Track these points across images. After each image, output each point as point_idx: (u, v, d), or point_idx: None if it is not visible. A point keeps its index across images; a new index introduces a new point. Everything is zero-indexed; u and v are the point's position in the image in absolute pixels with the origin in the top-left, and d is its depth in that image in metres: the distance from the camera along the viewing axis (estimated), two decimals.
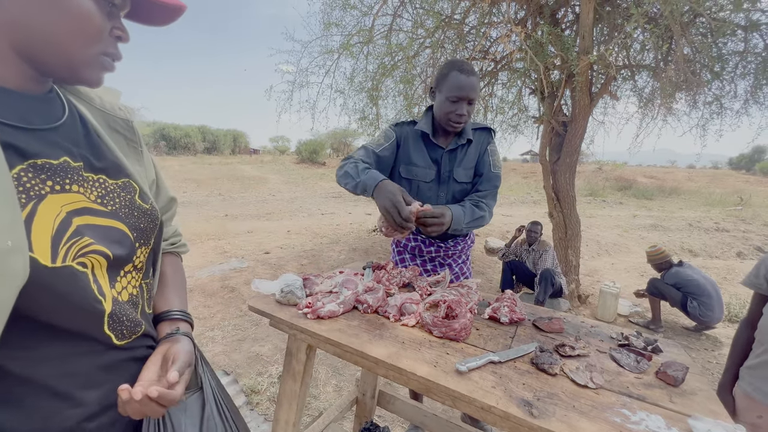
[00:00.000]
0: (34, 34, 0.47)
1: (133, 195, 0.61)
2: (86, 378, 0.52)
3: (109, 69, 0.55)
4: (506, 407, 0.70)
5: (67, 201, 0.51)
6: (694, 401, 0.77)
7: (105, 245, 0.54)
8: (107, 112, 0.65)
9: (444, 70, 1.40)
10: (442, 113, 1.42)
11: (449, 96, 1.37)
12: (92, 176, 0.56)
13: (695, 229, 8.86)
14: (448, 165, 1.52)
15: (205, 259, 5.21)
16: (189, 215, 9.90)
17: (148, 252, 0.63)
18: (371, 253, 5.76)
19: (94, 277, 0.52)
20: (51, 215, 0.48)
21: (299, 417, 1.17)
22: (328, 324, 1.00)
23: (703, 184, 20.74)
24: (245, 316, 3.37)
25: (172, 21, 0.60)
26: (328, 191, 17.85)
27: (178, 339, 0.65)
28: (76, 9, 0.47)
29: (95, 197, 0.55)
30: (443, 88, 1.39)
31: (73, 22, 0.48)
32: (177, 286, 0.76)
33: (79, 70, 0.51)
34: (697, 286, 3.42)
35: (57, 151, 0.51)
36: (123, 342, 0.57)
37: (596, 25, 3.72)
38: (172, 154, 31.71)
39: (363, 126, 5.24)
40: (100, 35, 0.51)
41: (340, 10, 4.43)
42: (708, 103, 4.00)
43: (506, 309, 1.11)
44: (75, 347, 0.51)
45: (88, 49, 0.50)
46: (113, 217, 0.57)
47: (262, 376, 2.43)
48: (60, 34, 0.48)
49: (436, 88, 1.44)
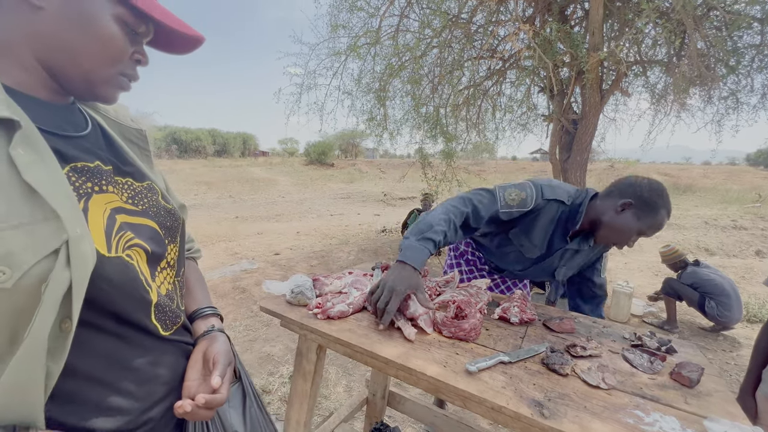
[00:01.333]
0: (58, 48, 0.50)
1: (157, 196, 0.65)
2: (139, 372, 0.55)
3: (125, 88, 0.58)
4: (517, 407, 0.70)
5: (106, 200, 0.54)
6: (710, 402, 0.75)
7: (143, 241, 0.57)
8: (122, 123, 0.68)
9: (658, 201, 1.16)
10: (619, 236, 1.22)
11: (644, 230, 1.18)
12: (121, 179, 0.59)
13: (711, 228, 8.64)
14: (558, 260, 1.39)
15: (217, 260, 5.29)
16: (200, 217, 10.06)
17: (177, 249, 0.66)
18: (380, 254, 5.77)
19: (140, 269, 0.55)
20: (99, 211, 0.52)
21: (310, 417, 1.18)
22: (338, 324, 1.01)
23: (720, 181, 20.23)
24: (256, 316, 3.41)
25: (191, 51, 0.63)
26: (336, 192, 17.94)
27: (216, 337, 0.68)
28: (102, 31, 0.51)
29: (126, 198, 0.58)
30: (646, 218, 1.17)
31: (98, 43, 0.51)
32: (201, 286, 0.80)
33: (97, 86, 0.54)
34: (715, 285, 3.33)
35: (90, 156, 0.55)
36: (168, 333, 0.60)
37: (606, 21, 3.67)
38: (184, 158, 32.22)
39: (371, 127, 5.26)
40: (121, 57, 0.54)
41: (347, 12, 4.45)
42: (723, 98, 3.91)
43: (516, 309, 1.10)
44: (128, 340, 0.54)
45: (109, 68, 0.53)
46: (144, 215, 0.60)
47: (273, 376, 2.46)
48: (84, 52, 0.51)
49: (637, 208, 1.18)
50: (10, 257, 0.40)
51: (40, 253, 0.42)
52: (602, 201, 1.26)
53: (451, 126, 5.36)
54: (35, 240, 0.42)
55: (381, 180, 23.73)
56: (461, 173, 5.84)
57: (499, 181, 2.42)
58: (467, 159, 7.86)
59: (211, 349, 0.65)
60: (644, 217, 1.17)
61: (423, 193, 5.52)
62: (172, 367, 0.60)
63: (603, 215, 1.24)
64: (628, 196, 1.20)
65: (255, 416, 0.71)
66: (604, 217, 1.24)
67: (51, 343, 0.43)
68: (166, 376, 0.58)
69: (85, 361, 0.49)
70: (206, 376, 0.62)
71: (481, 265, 1.68)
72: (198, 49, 0.64)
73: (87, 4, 0.49)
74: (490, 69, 4.86)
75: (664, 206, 1.17)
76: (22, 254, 0.40)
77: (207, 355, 0.64)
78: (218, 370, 0.61)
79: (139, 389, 0.55)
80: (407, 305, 1.02)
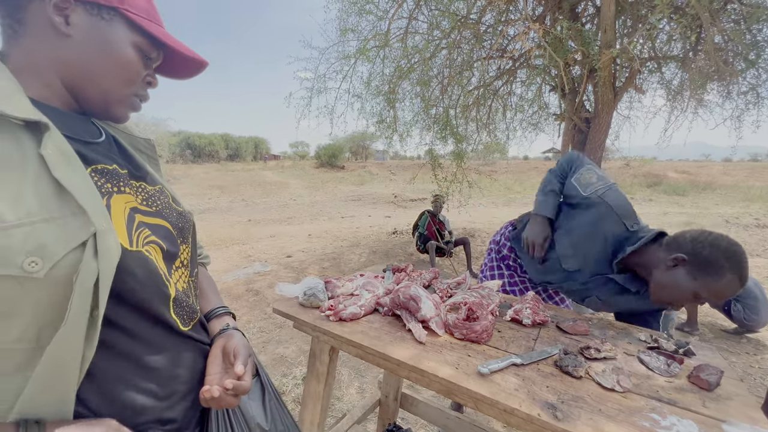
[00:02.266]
0: (81, 71, 0.55)
1: (168, 199, 0.68)
2: (160, 371, 0.58)
3: (136, 108, 0.63)
4: (530, 410, 0.69)
5: (125, 200, 0.58)
6: (729, 406, 0.74)
7: (159, 239, 0.60)
8: (130, 134, 0.72)
9: (724, 264, 1.00)
10: (668, 294, 1.09)
11: (700, 293, 1.04)
12: (135, 183, 0.63)
13: (733, 226, 8.37)
14: (594, 288, 1.29)
15: (230, 263, 5.37)
16: (214, 221, 10.23)
17: (189, 250, 0.69)
18: (391, 256, 5.77)
19: (158, 264, 0.59)
20: (120, 208, 0.56)
21: (324, 418, 1.20)
22: (350, 326, 1.02)
23: (741, 178, 19.57)
24: (269, 318, 3.45)
25: (194, 75, 0.69)
26: (347, 195, 18.02)
27: (232, 334, 0.71)
28: (122, 57, 0.57)
29: (141, 200, 0.62)
30: (699, 277, 1.03)
31: (117, 67, 0.57)
32: (212, 289, 0.83)
33: (112, 105, 0.59)
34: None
35: (108, 160, 0.59)
36: (186, 328, 0.63)
37: (618, 17, 3.61)
38: (197, 162, 32.86)
39: (381, 129, 5.27)
40: (136, 79, 0.60)
41: (356, 15, 4.49)
42: (743, 93, 3.80)
43: (529, 311, 1.10)
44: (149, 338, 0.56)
45: (124, 89, 0.59)
46: (159, 216, 0.63)
47: (287, 377, 2.48)
48: (104, 75, 0.56)
49: (695, 267, 1.04)
50: (43, 249, 0.43)
51: (69, 245, 0.45)
52: (663, 247, 1.12)
53: (462, 127, 5.34)
54: (65, 233, 0.45)
55: (391, 182, 23.74)
56: (472, 174, 5.80)
57: (511, 181, 2.39)
58: (478, 160, 7.80)
59: (230, 344, 0.68)
60: (702, 278, 1.02)
61: (434, 194, 5.50)
62: (191, 366, 0.63)
63: (654, 264, 1.11)
64: (683, 251, 1.06)
65: (275, 408, 0.74)
66: (655, 267, 1.10)
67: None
68: (185, 375, 0.61)
69: (109, 361, 0.51)
70: (227, 369, 0.65)
71: (521, 273, 1.65)
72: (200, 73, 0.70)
73: (109, 32, 0.55)
74: (500, 69, 4.83)
75: (733, 270, 0.99)
76: (53, 246, 0.43)
77: (226, 349, 0.67)
78: (240, 359, 0.64)
79: (161, 389, 0.57)
80: (418, 308, 1.03)
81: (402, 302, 1.05)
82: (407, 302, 1.04)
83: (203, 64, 0.67)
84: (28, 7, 0.51)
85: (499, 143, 5.92)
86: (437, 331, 0.99)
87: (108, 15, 0.55)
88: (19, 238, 0.41)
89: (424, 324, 1.01)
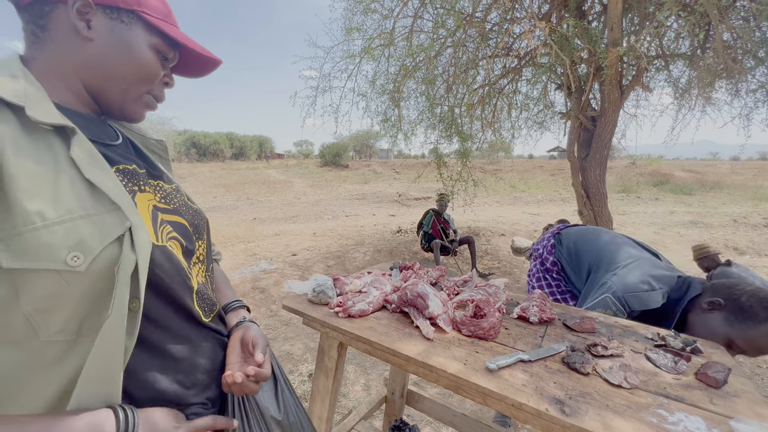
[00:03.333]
0: (102, 72, 0.57)
1: (184, 197, 0.71)
2: (186, 361, 0.60)
3: (152, 107, 0.65)
4: (538, 405, 0.70)
5: (147, 198, 0.60)
6: (737, 404, 0.74)
7: (179, 235, 0.63)
8: (143, 135, 0.75)
9: (756, 308, 1.00)
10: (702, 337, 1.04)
11: (735, 341, 1.01)
12: (153, 182, 0.65)
13: (741, 225, 8.29)
14: None
15: (236, 261, 5.41)
16: (220, 219, 10.31)
17: (204, 246, 0.72)
18: (396, 254, 5.79)
19: (180, 258, 0.61)
20: (145, 206, 0.58)
21: (332, 413, 1.21)
22: (358, 322, 1.04)
23: (750, 177, 19.33)
24: (275, 316, 3.48)
25: (208, 73, 0.72)
26: (351, 193, 18.04)
27: (249, 326, 0.74)
28: (141, 57, 0.59)
29: (159, 198, 0.64)
30: (735, 324, 1.02)
31: (137, 68, 0.59)
32: (226, 284, 0.85)
33: (129, 104, 0.61)
34: None
35: (127, 161, 0.61)
36: (208, 319, 0.66)
37: (625, 15, 3.58)
38: (202, 161, 33.05)
39: (385, 128, 5.28)
40: (153, 79, 0.62)
41: (362, 14, 4.49)
42: (752, 91, 3.75)
43: (536, 308, 1.10)
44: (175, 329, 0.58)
45: (142, 88, 0.61)
46: (177, 213, 0.65)
47: (293, 374, 2.51)
48: (123, 75, 0.58)
49: (726, 311, 1.04)
50: (82, 244, 0.45)
51: (107, 239, 0.47)
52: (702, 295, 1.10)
53: (467, 125, 5.33)
54: (102, 228, 0.47)
55: (396, 180, 23.73)
56: (477, 173, 5.80)
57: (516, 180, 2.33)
58: (483, 158, 7.78)
59: (248, 334, 0.70)
60: (737, 325, 1.01)
61: (439, 193, 5.50)
62: (212, 356, 0.65)
63: (691, 310, 1.10)
64: (720, 295, 1.06)
65: (287, 399, 0.76)
66: (691, 312, 1.09)
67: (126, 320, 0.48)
68: (207, 365, 0.63)
69: (143, 351, 0.53)
70: (246, 359, 0.67)
71: (565, 286, 1.68)
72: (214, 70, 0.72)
73: (129, 35, 0.57)
74: (506, 67, 4.81)
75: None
76: (92, 241, 0.46)
77: (244, 339, 0.69)
78: (260, 348, 0.67)
79: (186, 378, 0.59)
80: (426, 305, 1.04)
81: (410, 299, 1.06)
82: (415, 299, 1.05)
83: (217, 62, 0.69)
84: (50, 13, 0.53)
85: (504, 142, 5.90)
86: (445, 328, 1.00)
87: (127, 18, 0.57)
88: (61, 234, 0.44)
89: (432, 321, 1.02)
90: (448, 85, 4.83)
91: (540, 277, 1.78)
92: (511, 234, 6.84)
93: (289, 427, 0.73)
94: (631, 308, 1.16)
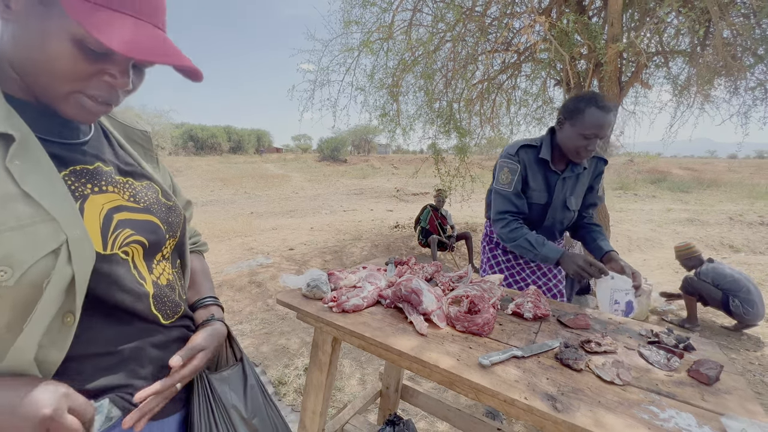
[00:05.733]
0: (23, 64, 0.50)
1: (157, 194, 0.68)
2: (144, 356, 0.60)
3: (94, 110, 0.53)
4: (530, 401, 0.70)
5: (106, 200, 0.57)
6: (728, 400, 0.74)
7: (143, 236, 0.61)
8: (127, 125, 0.72)
9: (580, 104, 1.38)
10: (571, 146, 1.43)
11: (584, 132, 1.36)
12: (122, 179, 0.63)
13: (737, 223, 8.33)
14: (561, 191, 1.56)
15: (233, 255, 5.40)
16: (217, 213, 10.27)
17: (174, 244, 0.70)
18: (393, 249, 5.79)
19: (134, 264, 0.60)
20: (95, 212, 0.55)
21: (326, 407, 1.22)
22: (352, 317, 1.03)
23: (746, 175, 19.42)
24: (272, 310, 3.48)
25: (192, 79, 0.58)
26: (349, 188, 18.01)
27: (204, 329, 0.72)
28: (52, 49, 0.48)
29: (128, 197, 0.62)
30: (577, 122, 1.38)
31: (48, 61, 0.48)
32: (205, 278, 0.84)
33: (56, 103, 0.52)
34: (735, 281, 3.24)
35: (90, 158, 0.58)
36: (169, 321, 0.65)
37: (626, 10, 3.56)
38: (200, 154, 32.87)
39: (384, 122, 5.25)
40: (72, 75, 0.50)
41: (360, 7, 4.44)
42: (751, 89, 3.74)
43: (530, 305, 1.10)
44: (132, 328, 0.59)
45: (61, 85, 0.50)
46: (146, 212, 0.63)
47: (289, 368, 2.51)
48: (39, 69, 0.49)
49: (568, 119, 1.42)
50: (10, 258, 0.43)
51: (39, 253, 0.45)
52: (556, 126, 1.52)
53: (465, 121, 5.31)
54: (33, 241, 0.45)
55: (394, 176, 23.70)
56: (475, 168, 5.78)
57: None
58: (481, 154, 7.76)
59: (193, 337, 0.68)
60: (578, 122, 1.38)
61: (436, 189, 5.49)
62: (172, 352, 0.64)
63: (560, 139, 1.48)
64: (560, 115, 1.46)
65: (255, 396, 0.75)
66: (560, 139, 1.48)
67: (54, 335, 0.48)
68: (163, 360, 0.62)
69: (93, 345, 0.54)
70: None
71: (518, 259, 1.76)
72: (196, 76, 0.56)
73: (45, 20, 0.47)
74: (505, 62, 4.78)
75: (591, 104, 1.35)
76: (21, 254, 0.44)
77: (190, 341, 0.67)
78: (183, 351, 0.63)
79: (145, 370, 0.60)
80: (420, 301, 1.03)
81: (404, 295, 1.06)
82: (409, 295, 1.05)
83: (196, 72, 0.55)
84: None
85: (503, 138, 5.88)
86: (439, 323, 1.00)
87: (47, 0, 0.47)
88: None
89: (426, 317, 1.02)
90: (447, 80, 4.79)
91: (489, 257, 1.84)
92: None
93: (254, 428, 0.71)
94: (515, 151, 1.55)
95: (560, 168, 1.55)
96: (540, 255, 1.46)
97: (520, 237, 1.50)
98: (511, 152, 1.56)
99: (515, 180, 1.54)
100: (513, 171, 1.54)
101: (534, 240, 1.47)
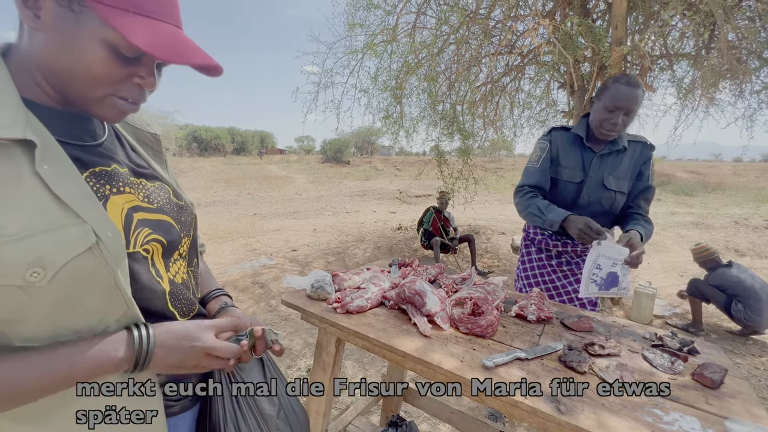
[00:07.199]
0: (56, 71, 0.52)
1: (168, 195, 0.70)
2: None
3: (124, 110, 0.56)
4: (533, 403, 0.71)
5: (124, 200, 0.59)
6: (732, 404, 0.74)
7: (160, 234, 0.63)
8: (137, 128, 0.73)
9: (607, 82, 1.45)
10: (596, 120, 1.48)
11: (607, 105, 1.41)
12: (136, 180, 0.64)
13: (742, 227, 8.26)
14: (598, 170, 1.56)
15: (237, 256, 5.42)
16: (220, 214, 10.31)
17: (190, 242, 0.72)
18: (395, 251, 5.79)
19: (152, 262, 0.62)
20: (117, 211, 0.57)
21: (329, 407, 1.22)
22: (356, 318, 1.04)
23: (752, 179, 19.27)
24: (275, 311, 3.49)
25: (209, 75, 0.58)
26: (352, 190, 18.03)
27: (234, 310, 0.76)
28: (88, 55, 0.50)
29: (142, 197, 0.63)
30: (603, 97, 1.44)
31: (84, 66, 0.50)
32: (208, 275, 0.87)
33: (90, 106, 0.54)
34: (744, 288, 3.20)
35: (107, 161, 0.60)
36: (185, 319, 0.66)
37: (630, 13, 3.55)
38: (204, 155, 33.03)
39: (387, 125, 5.26)
40: (108, 80, 0.52)
41: (364, 10, 4.46)
42: (756, 92, 3.72)
43: (534, 307, 1.11)
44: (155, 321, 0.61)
45: (96, 90, 0.52)
46: (161, 212, 0.65)
47: (291, 369, 2.52)
48: (75, 75, 0.51)
49: (596, 97, 1.49)
50: (42, 260, 0.45)
51: (69, 254, 0.47)
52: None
53: (468, 123, 5.31)
54: (63, 243, 0.47)
55: (397, 177, 23.70)
56: (478, 171, 5.78)
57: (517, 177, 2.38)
58: (484, 156, 7.75)
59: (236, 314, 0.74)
60: (603, 95, 1.45)
61: (439, 191, 5.49)
62: None
63: (590, 118, 1.54)
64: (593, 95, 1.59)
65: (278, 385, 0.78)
66: (590, 118, 1.55)
67: None
68: None
69: None
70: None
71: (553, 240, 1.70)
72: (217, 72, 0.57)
73: (77, 27, 0.49)
74: (509, 65, 4.78)
75: (617, 81, 1.42)
76: (53, 256, 0.46)
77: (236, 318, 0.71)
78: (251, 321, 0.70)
79: None
80: (423, 302, 1.04)
81: (407, 297, 1.07)
82: (413, 297, 1.05)
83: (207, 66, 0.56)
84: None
85: (506, 140, 5.87)
86: (442, 325, 1.00)
87: (78, 6, 0.48)
88: (20, 250, 0.44)
89: (429, 318, 1.03)
90: (451, 82, 4.80)
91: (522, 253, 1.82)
92: (511, 233, 6.84)
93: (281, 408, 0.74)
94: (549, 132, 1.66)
95: (598, 149, 1.56)
96: (548, 220, 1.47)
97: (532, 205, 1.53)
98: (544, 134, 1.65)
99: (543, 157, 1.59)
100: (543, 149, 1.60)
101: (543, 206, 1.50)
